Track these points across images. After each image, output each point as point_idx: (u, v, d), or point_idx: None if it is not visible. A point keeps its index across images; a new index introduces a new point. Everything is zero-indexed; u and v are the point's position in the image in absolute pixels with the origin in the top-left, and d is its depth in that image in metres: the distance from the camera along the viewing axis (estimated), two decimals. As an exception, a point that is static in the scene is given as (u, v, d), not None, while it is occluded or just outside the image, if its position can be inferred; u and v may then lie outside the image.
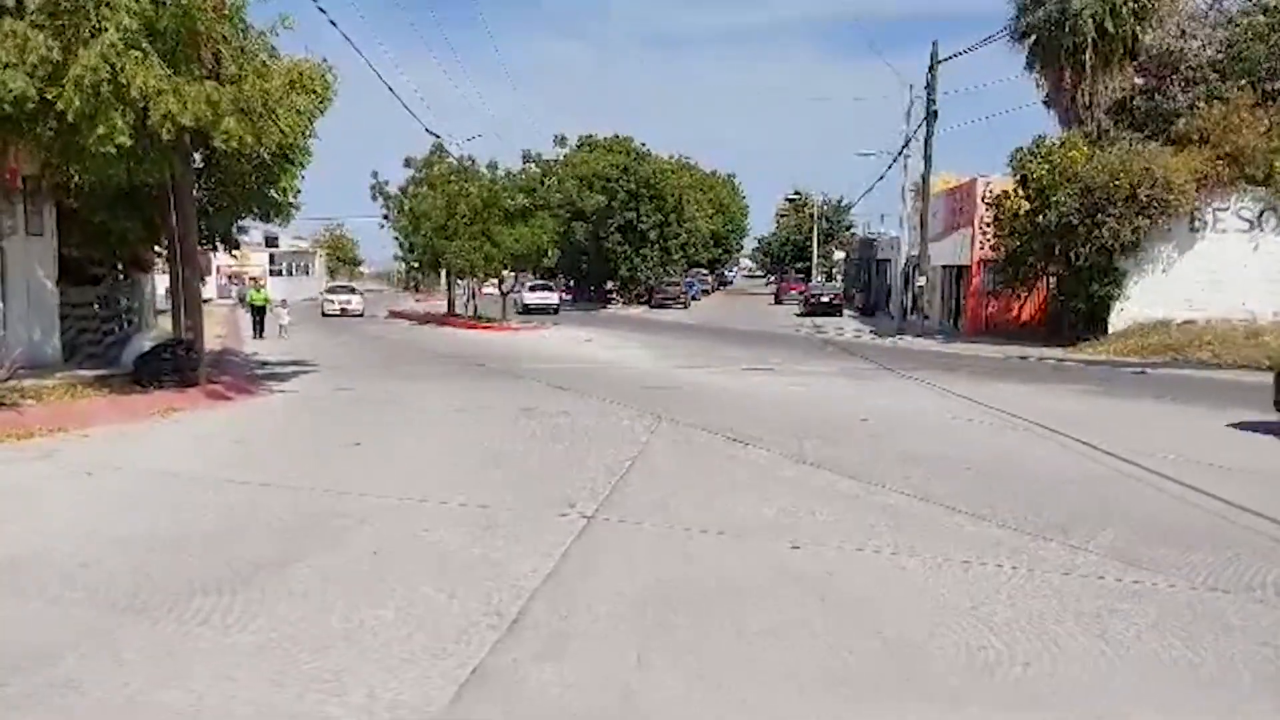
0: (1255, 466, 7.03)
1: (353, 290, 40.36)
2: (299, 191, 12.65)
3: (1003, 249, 22.53)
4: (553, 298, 38.28)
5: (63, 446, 7.35)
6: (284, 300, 24.96)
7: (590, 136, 49.62)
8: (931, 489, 6.00)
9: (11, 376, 9.22)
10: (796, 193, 79.22)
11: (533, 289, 37.89)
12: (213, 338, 17.36)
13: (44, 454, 7.04)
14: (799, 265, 66.16)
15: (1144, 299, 20.27)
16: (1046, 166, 20.46)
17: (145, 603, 3.79)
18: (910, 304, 28.69)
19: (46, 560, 4.36)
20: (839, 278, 56.57)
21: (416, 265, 34.88)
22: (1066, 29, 23.89)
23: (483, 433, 8.53)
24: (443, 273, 36.74)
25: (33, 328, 12.31)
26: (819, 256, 65.30)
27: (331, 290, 39.94)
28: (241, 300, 30.96)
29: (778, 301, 50.57)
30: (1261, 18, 21.96)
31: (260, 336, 21.36)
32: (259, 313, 22.88)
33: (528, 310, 35.63)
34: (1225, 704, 3.03)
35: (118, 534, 4.84)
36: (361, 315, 34.72)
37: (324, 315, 35.00)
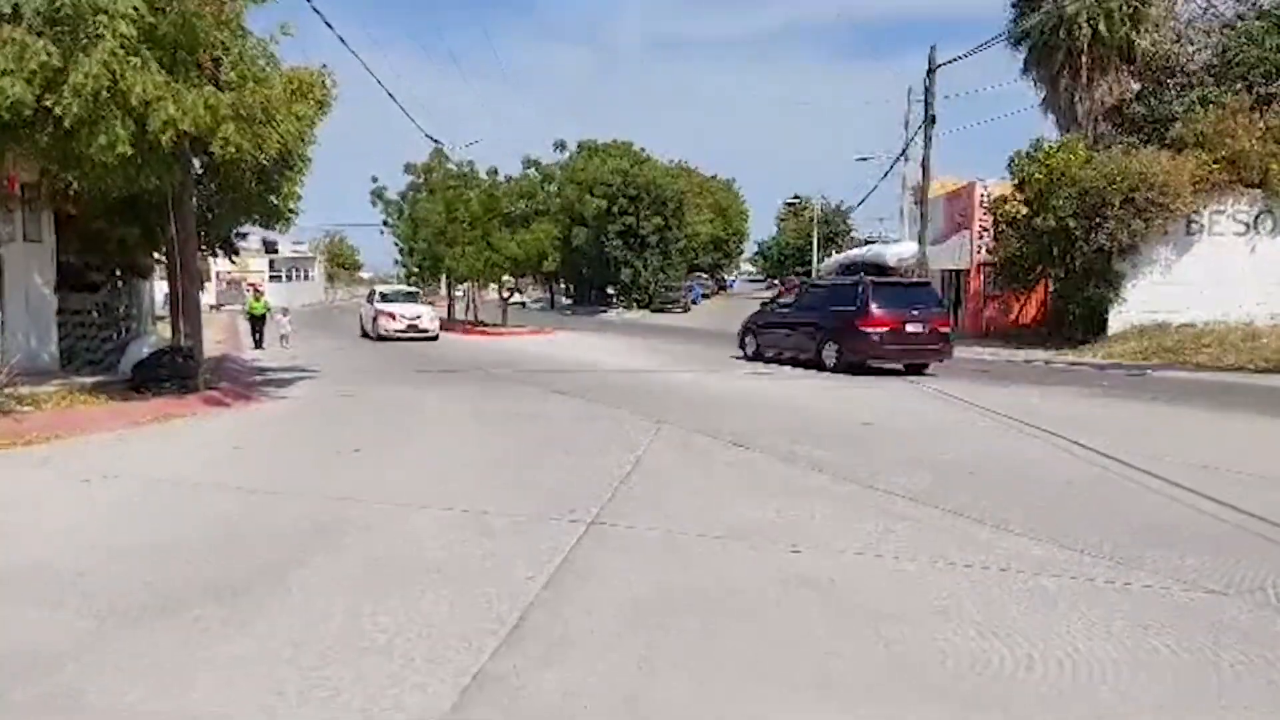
0: (1253, 470, 7.03)
1: (415, 296, 26.95)
2: (299, 198, 12.69)
3: (1001, 252, 22.59)
4: (521, 297, 50.49)
5: (60, 453, 7.34)
6: (284, 309, 24.85)
7: (590, 141, 49.70)
8: (932, 492, 6.00)
9: (9, 383, 9.21)
10: (796, 197, 79.34)
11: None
12: (212, 344, 17.36)
13: (41, 461, 7.02)
14: (799, 269, 66.22)
15: (1142, 302, 20.32)
16: (1044, 170, 20.52)
17: (144, 611, 3.78)
18: (909, 307, 28.68)
19: (44, 568, 4.35)
20: (838, 282, 56.55)
21: (416, 270, 34.73)
22: (1062, 33, 24.01)
23: (482, 438, 8.52)
24: (443, 278, 36.78)
25: (30, 334, 12.31)
26: (819, 260, 65.35)
27: (387, 299, 25.53)
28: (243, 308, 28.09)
29: None
30: (1255, 22, 22.05)
31: (260, 346, 21.19)
32: (259, 322, 22.60)
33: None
34: (1232, 706, 3.03)
35: (116, 542, 4.83)
36: (436, 338, 23.81)
37: (375, 338, 23.62)
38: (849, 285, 16.20)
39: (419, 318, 24.17)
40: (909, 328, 14.95)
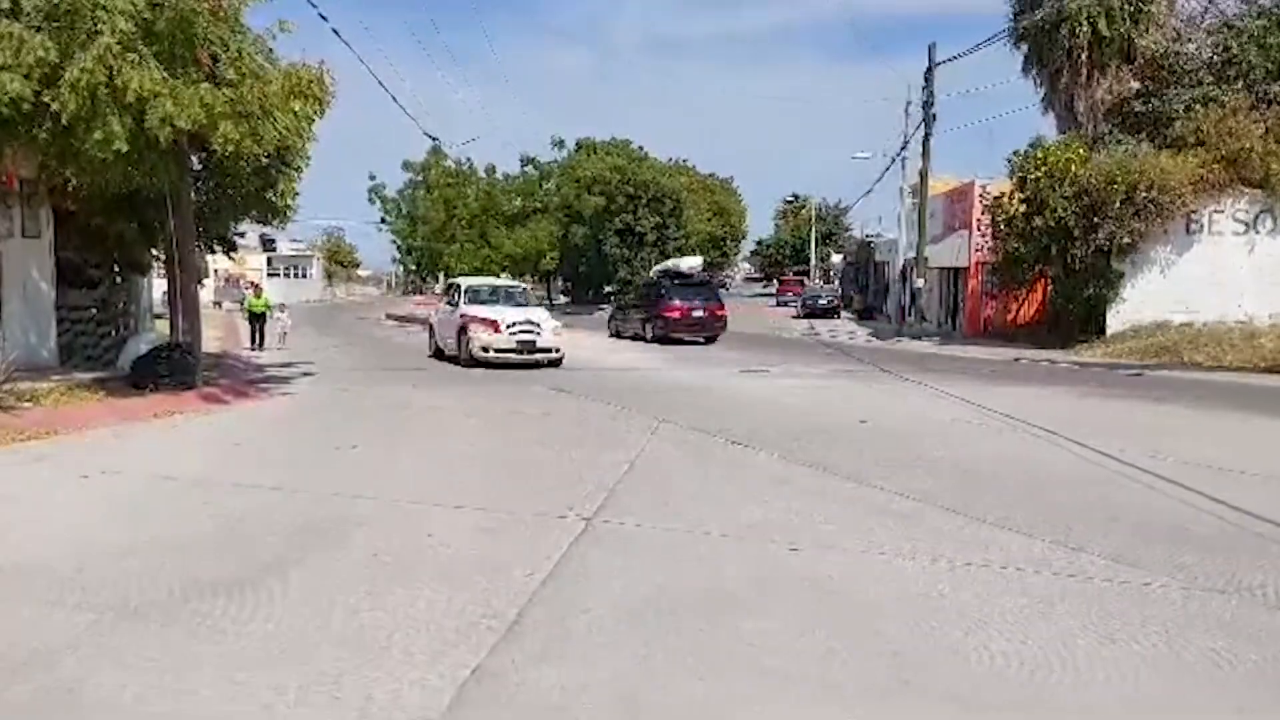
0: (1251, 468, 7.03)
1: (520, 297, 17.68)
2: (296, 194, 12.67)
3: (1000, 252, 22.58)
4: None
5: (59, 450, 7.33)
6: (282, 304, 24.70)
7: (588, 139, 49.64)
8: (930, 491, 6.00)
9: (7, 379, 9.20)
10: (794, 195, 79.42)
11: None
12: (211, 341, 17.33)
13: (39, 457, 7.01)
14: (797, 269, 66.19)
15: (1141, 301, 20.29)
16: (1043, 169, 20.48)
17: (143, 607, 3.78)
18: (908, 305, 28.72)
19: (43, 565, 4.34)
20: (836, 280, 56.57)
21: (415, 268, 34.67)
22: (1062, 32, 23.95)
23: (481, 435, 8.52)
24: (441, 275, 36.79)
25: (29, 330, 12.30)
26: (817, 259, 65.35)
27: (479, 298, 16.51)
28: (241, 304, 27.25)
29: (778, 304, 50.66)
30: (1257, 21, 22.02)
31: (260, 347, 20.90)
32: (259, 320, 22.13)
33: None
34: (1229, 705, 3.03)
35: (115, 538, 4.82)
36: (562, 360, 15.58)
37: (464, 361, 15.19)
38: (660, 286, 23.77)
39: (536, 330, 15.28)
40: (694, 313, 22.58)
